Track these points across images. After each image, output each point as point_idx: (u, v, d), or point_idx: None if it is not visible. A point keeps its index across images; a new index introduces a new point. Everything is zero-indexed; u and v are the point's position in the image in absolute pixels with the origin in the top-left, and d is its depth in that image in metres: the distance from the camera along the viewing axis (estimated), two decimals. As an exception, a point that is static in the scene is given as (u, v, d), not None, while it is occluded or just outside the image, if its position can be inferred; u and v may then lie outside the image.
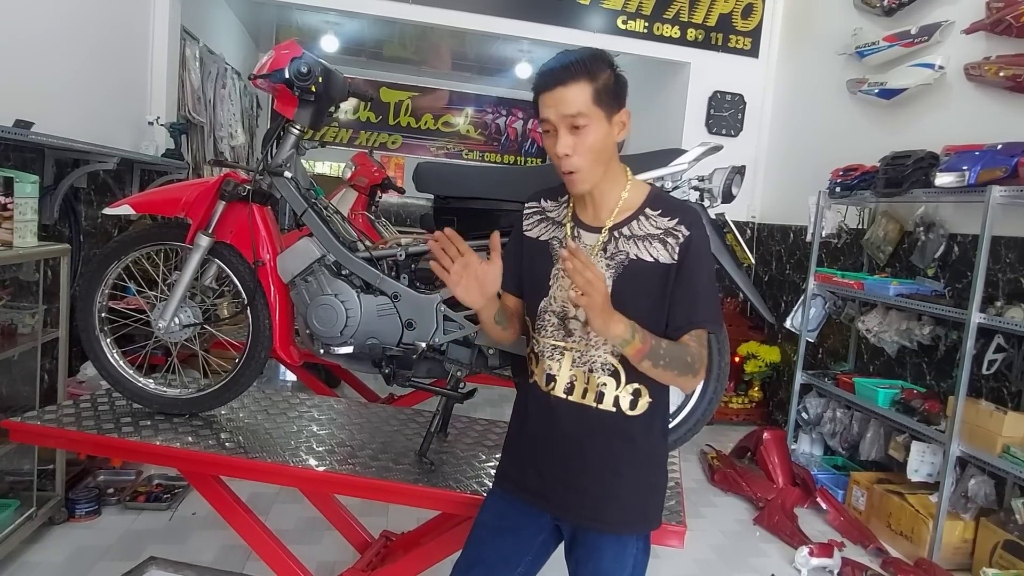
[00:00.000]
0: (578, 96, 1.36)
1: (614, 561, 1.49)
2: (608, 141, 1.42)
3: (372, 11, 5.24)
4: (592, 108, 1.37)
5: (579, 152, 1.38)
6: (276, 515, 3.12)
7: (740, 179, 1.96)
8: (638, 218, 1.46)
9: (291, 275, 2.10)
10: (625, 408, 1.47)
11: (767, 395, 5.37)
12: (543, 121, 1.41)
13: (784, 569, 3.13)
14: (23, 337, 2.79)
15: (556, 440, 1.51)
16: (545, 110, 1.39)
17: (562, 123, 1.37)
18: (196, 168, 5.37)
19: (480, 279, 1.43)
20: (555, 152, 1.39)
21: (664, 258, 1.43)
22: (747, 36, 5.60)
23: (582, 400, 1.47)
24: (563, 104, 1.36)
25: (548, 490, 1.52)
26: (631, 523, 1.51)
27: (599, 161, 1.41)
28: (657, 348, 1.36)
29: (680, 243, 1.42)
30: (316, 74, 1.99)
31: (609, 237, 1.46)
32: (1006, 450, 2.97)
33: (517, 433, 1.62)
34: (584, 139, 1.37)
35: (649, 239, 1.44)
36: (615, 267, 1.45)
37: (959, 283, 3.59)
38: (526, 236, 1.58)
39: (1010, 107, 3.43)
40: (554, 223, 1.55)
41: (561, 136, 1.38)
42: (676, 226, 1.43)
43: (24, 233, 2.63)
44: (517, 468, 1.59)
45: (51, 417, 2.13)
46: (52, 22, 3.40)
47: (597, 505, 1.49)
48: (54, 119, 3.23)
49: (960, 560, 3.21)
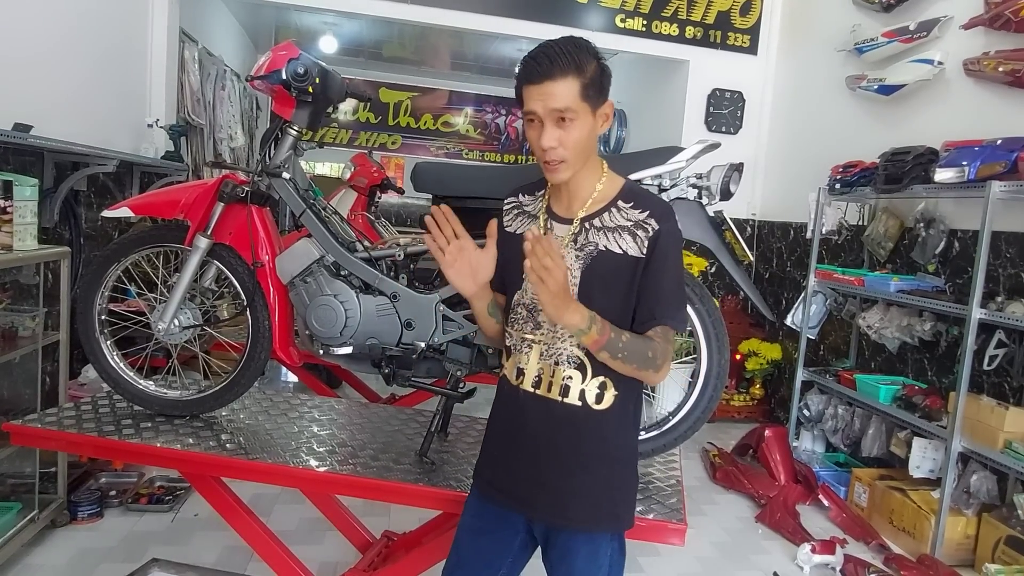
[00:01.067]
0: (566, 91, 1.34)
1: (588, 561, 1.48)
2: (592, 134, 1.41)
3: (370, 12, 5.24)
4: (579, 103, 1.36)
5: (564, 145, 1.37)
6: (278, 516, 3.12)
7: (738, 176, 1.96)
8: (610, 210, 1.45)
9: (290, 276, 2.10)
10: (591, 402, 1.45)
11: (768, 392, 5.36)
12: (528, 112, 1.39)
13: (787, 566, 3.13)
14: (24, 340, 2.79)
15: (525, 435, 1.50)
16: (531, 102, 1.37)
17: (548, 117, 1.36)
18: (196, 170, 5.37)
19: (474, 265, 1.43)
20: (539, 145, 1.38)
21: (633, 251, 1.41)
22: (745, 33, 5.59)
23: (548, 394, 1.46)
24: (551, 99, 1.34)
25: (518, 488, 1.51)
26: (601, 520, 1.49)
27: (581, 153, 1.41)
28: (616, 341, 1.35)
29: (649, 236, 1.41)
30: (313, 75, 1.99)
31: (580, 228, 1.45)
32: (1008, 445, 2.96)
33: (491, 428, 1.62)
34: (570, 133, 1.37)
35: (619, 231, 1.43)
36: (584, 258, 1.44)
37: (960, 279, 3.59)
38: (505, 231, 1.58)
39: (1009, 102, 3.43)
40: (530, 216, 1.55)
41: (547, 129, 1.37)
42: (647, 219, 1.42)
43: (24, 236, 2.64)
44: (489, 466, 1.59)
45: (52, 420, 2.14)
46: (51, 26, 3.41)
47: (565, 502, 1.47)
48: (53, 122, 3.24)
49: (963, 556, 3.20)
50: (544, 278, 1.26)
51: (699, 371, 2.03)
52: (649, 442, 2.07)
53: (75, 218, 3.62)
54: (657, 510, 1.89)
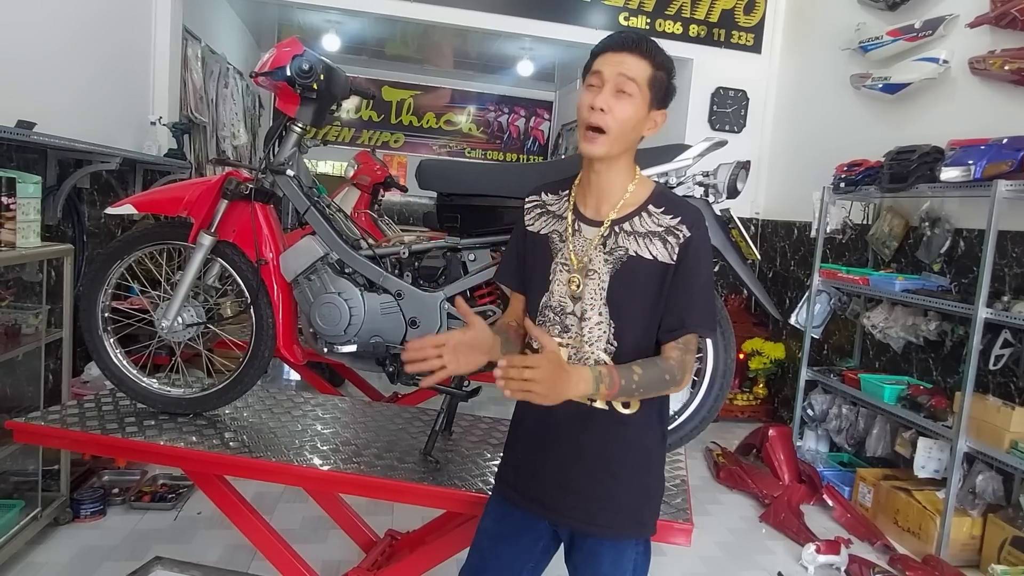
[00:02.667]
0: (639, 67, 1.39)
1: (613, 566, 1.47)
2: (639, 125, 1.43)
3: (374, 9, 5.24)
4: (644, 85, 1.40)
5: (613, 113, 1.38)
6: (281, 514, 3.12)
7: (745, 175, 1.95)
8: (640, 214, 1.44)
9: (294, 274, 2.10)
10: (618, 407, 1.45)
11: (772, 392, 5.35)
12: (594, 74, 1.41)
13: (791, 566, 3.12)
14: (27, 337, 2.79)
15: (551, 439, 1.49)
16: (601, 65, 1.40)
17: (612, 81, 1.39)
18: (199, 168, 5.37)
19: (471, 344, 1.39)
20: (591, 103, 1.39)
21: (663, 257, 1.41)
22: (749, 32, 5.58)
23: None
24: (623, 65, 1.39)
25: (543, 493, 1.50)
26: (626, 527, 1.48)
27: (624, 135, 1.41)
28: (628, 385, 1.35)
29: (680, 243, 1.41)
30: (318, 71, 1.98)
31: (609, 231, 1.44)
32: (1014, 446, 2.95)
33: (514, 434, 1.60)
34: (624, 106, 1.39)
35: (650, 236, 1.42)
36: (613, 262, 1.43)
37: (965, 278, 3.57)
38: (528, 231, 1.56)
39: (1015, 100, 3.41)
40: (555, 216, 1.53)
41: (605, 92, 1.39)
42: (678, 225, 1.41)
43: (27, 233, 2.63)
44: (513, 470, 1.58)
45: (55, 417, 2.13)
46: (54, 24, 3.40)
47: (591, 507, 1.47)
48: (57, 120, 3.23)
49: (968, 557, 3.19)
50: (533, 390, 1.26)
51: (705, 370, 2.02)
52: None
53: (78, 215, 3.62)
54: (663, 510, 1.87)
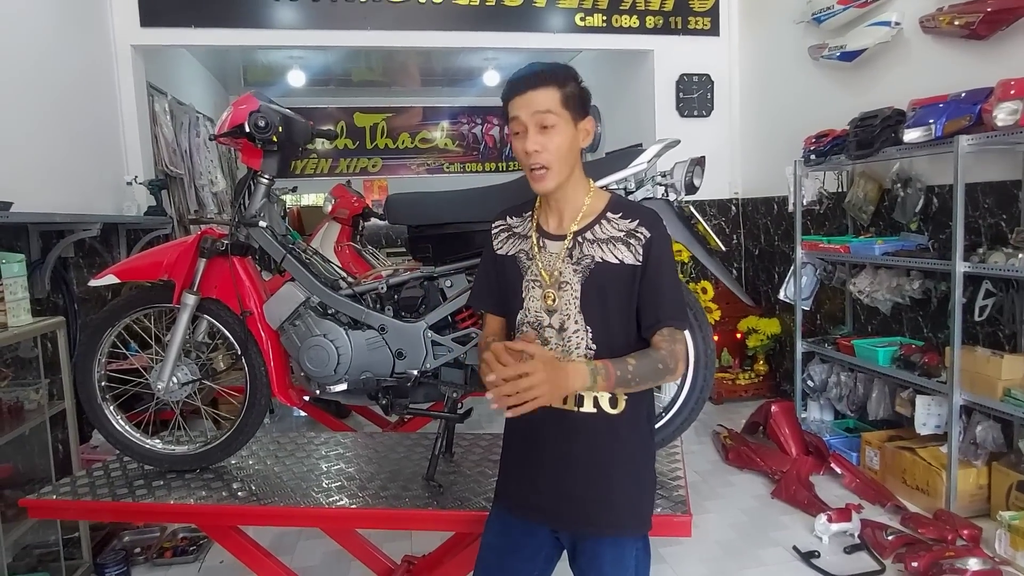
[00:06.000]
0: (547, 98, 1.45)
1: (615, 565, 1.52)
2: (574, 144, 1.49)
3: (334, 42, 5.30)
4: (560, 110, 1.45)
5: (547, 149, 1.45)
6: (301, 553, 3.16)
7: (700, 170, 2.00)
8: (600, 222, 1.51)
9: (279, 321, 2.15)
10: (606, 408, 1.50)
11: (772, 367, 5.40)
12: (514, 121, 1.48)
13: (806, 538, 3.16)
14: (30, 413, 2.83)
15: (542, 448, 1.55)
16: (516, 111, 1.47)
17: (532, 121, 1.45)
18: (180, 220, 5.41)
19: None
20: (524, 149, 1.46)
21: (629, 259, 1.47)
22: (705, 16, 5.63)
23: (564, 405, 1.50)
24: (534, 104, 1.45)
25: (542, 500, 1.55)
26: (626, 524, 1.54)
27: (565, 162, 1.47)
28: (624, 375, 1.41)
29: (643, 244, 1.47)
30: (275, 124, 2.04)
31: (573, 243, 1.51)
32: (1007, 393, 2.99)
33: (508, 446, 1.66)
34: (552, 138, 1.45)
35: (612, 241, 1.49)
36: (582, 271, 1.49)
37: (943, 234, 3.62)
38: (497, 254, 1.63)
39: (968, 54, 3.47)
40: (520, 237, 1.60)
41: (531, 135, 1.45)
42: (637, 228, 1.48)
43: (17, 312, 2.69)
44: (511, 482, 1.63)
45: (66, 490, 2.18)
46: (21, 102, 3.45)
47: (589, 510, 1.52)
48: (34, 194, 3.29)
49: (978, 507, 3.24)
50: (537, 396, 1.33)
51: (687, 360, 2.07)
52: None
53: (66, 285, 3.67)
54: (663, 504, 1.92)
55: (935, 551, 2.80)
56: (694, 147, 2.08)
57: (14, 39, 3.46)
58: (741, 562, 3.01)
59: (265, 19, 4.97)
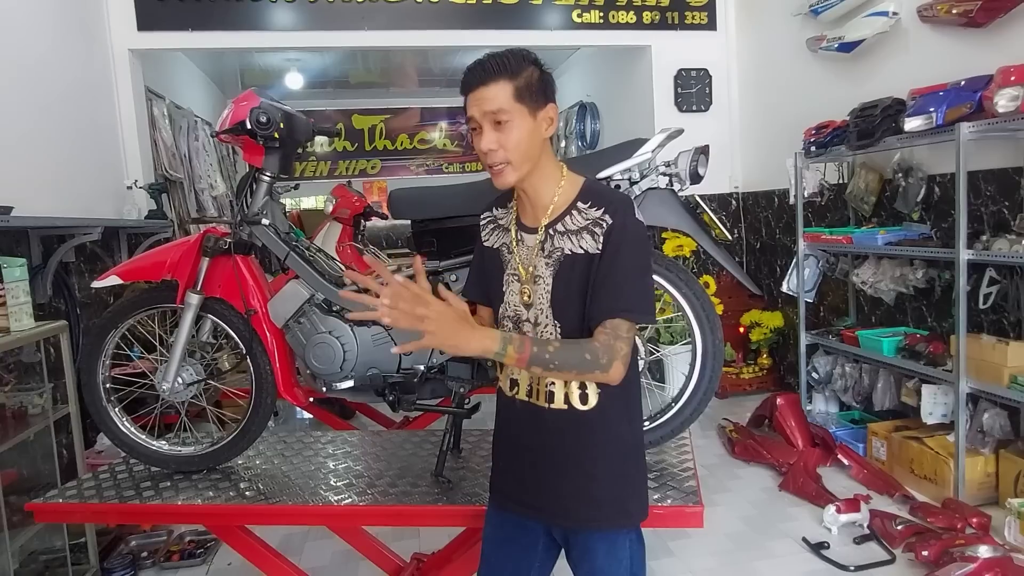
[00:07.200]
0: (498, 93, 1.38)
1: (608, 558, 1.50)
2: (534, 136, 1.42)
3: (331, 43, 5.29)
4: (513, 104, 1.38)
5: (503, 146, 1.39)
6: (310, 553, 3.15)
7: (705, 159, 1.99)
8: (571, 212, 1.46)
9: (284, 319, 2.14)
10: (576, 404, 1.47)
11: (776, 360, 5.39)
12: (469, 119, 1.43)
13: (815, 530, 3.16)
14: (35, 417, 2.82)
15: (524, 445, 1.53)
16: (470, 109, 1.42)
17: (485, 120, 1.39)
18: (181, 224, 5.40)
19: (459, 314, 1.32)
20: (481, 148, 1.41)
21: (592, 248, 1.42)
22: (702, 11, 5.62)
23: (537, 401, 1.49)
24: (484, 102, 1.38)
25: (528, 496, 1.54)
26: (611, 518, 1.51)
27: (526, 156, 1.41)
28: (541, 353, 1.34)
29: (604, 231, 1.41)
30: (277, 120, 2.03)
31: (545, 236, 1.47)
32: (1014, 380, 2.99)
33: (496, 443, 1.65)
34: (508, 134, 1.39)
35: (580, 232, 1.43)
36: (553, 264, 1.45)
37: (945, 222, 3.62)
38: (485, 246, 1.61)
39: (967, 43, 3.46)
40: (504, 229, 1.57)
41: (485, 132, 1.40)
42: (602, 216, 1.42)
43: (20, 316, 2.67)
44: (500, 477, 1.63)
45: (73, 493, 2.17)
46: (18, 105, 3.44)
47: (568, 505, 1.50)
48: (35, 199, 3.27)
49: (986, 495, 3.23)
50: (425, 328, 1.27)
51: (695, 353, 2.06)
52: (657, 430, 2.10)
53: (68, 289, 3.66)
54: (673, 496, 1.91)
55: (945, 540, 2.79)
56: (693, 142, 2.06)
57: (13, 45, 3.46)
58: (751, 554, 3.00)
59: (262, 21, 4.97)
